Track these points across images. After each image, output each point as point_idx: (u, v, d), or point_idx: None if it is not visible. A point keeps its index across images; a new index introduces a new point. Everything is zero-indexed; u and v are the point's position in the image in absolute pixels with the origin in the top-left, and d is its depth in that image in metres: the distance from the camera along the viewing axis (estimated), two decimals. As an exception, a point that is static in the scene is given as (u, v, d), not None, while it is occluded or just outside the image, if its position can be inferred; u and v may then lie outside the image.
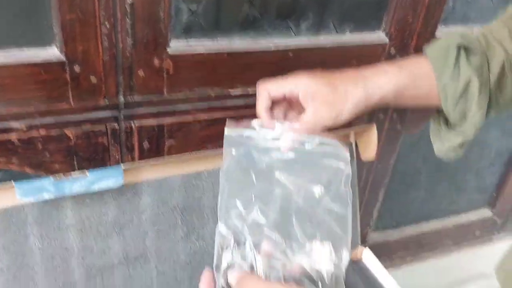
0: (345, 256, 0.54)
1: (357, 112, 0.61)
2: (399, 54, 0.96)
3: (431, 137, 0.68)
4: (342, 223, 0.56)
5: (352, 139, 0.98)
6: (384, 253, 1.42)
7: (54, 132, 0.75)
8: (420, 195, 1.37)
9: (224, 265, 0.54)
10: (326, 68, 0.90)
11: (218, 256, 0.55)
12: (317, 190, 0.58)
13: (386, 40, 0.92)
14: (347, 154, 0.60)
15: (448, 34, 0.63)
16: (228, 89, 0.85)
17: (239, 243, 0.55)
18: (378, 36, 0.92)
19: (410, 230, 1.43)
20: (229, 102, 0.87)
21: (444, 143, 0.65)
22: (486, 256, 1.57)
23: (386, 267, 1.40)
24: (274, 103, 0.64)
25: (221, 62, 0.81)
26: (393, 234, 1.40)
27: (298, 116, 0.63)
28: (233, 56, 0.82)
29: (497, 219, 1.56)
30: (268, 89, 0.63)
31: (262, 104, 0.63)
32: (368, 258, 1.09)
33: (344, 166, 0.58)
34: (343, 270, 0.54)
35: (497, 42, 0.61)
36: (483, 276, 1.56)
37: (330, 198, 0.57)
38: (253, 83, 0.86)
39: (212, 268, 0.55)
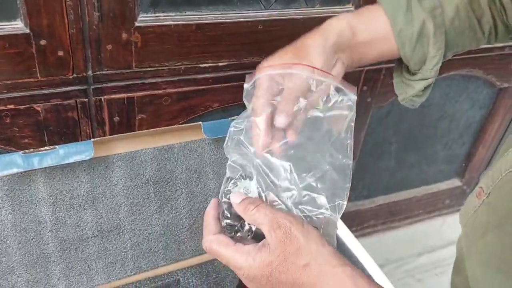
0: (342, 206, 0.54)
1: (326, 58, 0.59)
2: (368, 27, 0.97)
3: (395, 87, 0.69)
4: (342, 172, 0.56)
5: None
6: (356, 222, 1.46)
7: (22, 107, 0.75)
8: (391, 166, 1.40)
9: (228, 191, 0.54)
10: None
11: (224, 185, 0.55)
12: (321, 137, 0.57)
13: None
14: (354, 97, 0.58)
15: None
16: (198, 62, 0.85)
17: (245, 177, 0.54)
18: (348, 9, 0.93)
19: (381, 200, 1.47)
20: (200, 76, 0.87)
21: (408, 91, 0.66)
22: (455, 224, 1.63)
23: (358, 236, 1.44)
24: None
25: (190, 35, 0.81)
26: (365, 204, 1.44)
27: None
28: (202, 28, 0.82)
29: (466, 188, 1.61)
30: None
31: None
32: (339, 228, 1.12)
33: (347, 111, 0.57)
34: (338, 218, 0.54)
35: None
36: (453, 243, 1.62)
37: (333, 146, 0.56)
38: (223, 56, 0.87)
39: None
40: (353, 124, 0.56)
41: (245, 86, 0.58)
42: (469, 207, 0.58)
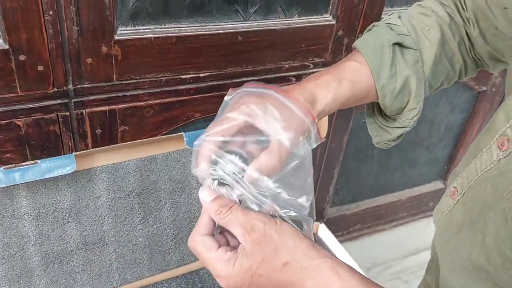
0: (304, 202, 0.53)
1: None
2: (347, 36, 0.99)
3: (368, 129, 0.69)
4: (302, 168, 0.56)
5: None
6: (342, 226, 1.48)
7: (3, 122, 0.75)
8: (374, 170, 1.42)
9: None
10: (276, 50, 0.93)
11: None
12: None
13: (333, 22, 0.95)
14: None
15: (378, 28, 0.63)
16: (179, 73, 0.86)
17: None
18: (326, 19, 0.94)
19: (366, 204, 1.49)
20: (181, 87, 0.88)
21: (384, 136, 0.66)
22: (439, 225, 1.65)
23: (344, 240, 1.46)
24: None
25: (170, 47, 0.82)
26: (350, 208, 1.46)
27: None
28: (182, 40, 0.83)
29: (449, 190, 1.64)
30: (218, 133, 0.52)
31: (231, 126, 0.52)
32: (324, 233, 1.14)
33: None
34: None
35: (425, 31, 0.62)
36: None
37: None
38: (204, 67, 0.88)
39: None
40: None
41: (226, 98, 0.59)
42: (443, 206, 0.60)
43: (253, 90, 0.56)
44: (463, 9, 0.63)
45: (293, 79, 0.99)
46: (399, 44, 0.61)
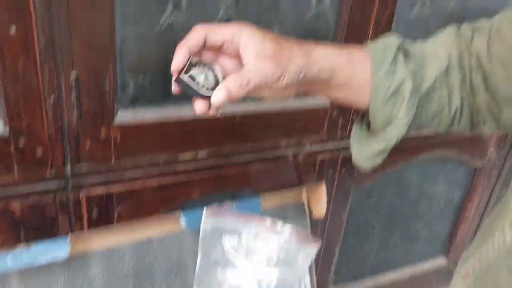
0: None
1: (295, 80, 0.56)
2: (342, 116, 1.01)
3: (351, 142, 0.66)
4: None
5: (304, 198, 1.01)
6: (345, 307, 1.42)
7: (-1, 206, 0.74)
8: (375, 247, 1.39)
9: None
10: (273, 129, 0.94)
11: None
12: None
13: (327, 104, 0.97)
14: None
15: (389, 35, 0.63)
16: (177, 153, 0.87)
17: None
18: (322, 101, 0.97)
19: (368, 282, 1.44)
20: (179, 167, 0.89)
21: (364, 149, 0.63)
22: (444, 304, 1.59)
23: (347, 321, 1.39)
24: (204, 49, 0.56)
25: (168, 129, 0.83)
26: (352, 287, 1.41)
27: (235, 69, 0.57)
28: (180, 123, 0.84)
29: (452, 266, 1.60)
30: (205, 30, 0.54)
31: (188, 42, 0.53)
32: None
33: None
34: None
35: (433, 53, 0.62)
36: (444, 325, 1.57)
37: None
38: (201, 147, 0.89)
39: None
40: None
41: None
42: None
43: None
44: (470, 55, 0.62)
45: (290, 157, 1.00)
46: (404, 51, 0.61)
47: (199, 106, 0.55)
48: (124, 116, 0.79)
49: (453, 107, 0.62)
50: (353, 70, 0.59)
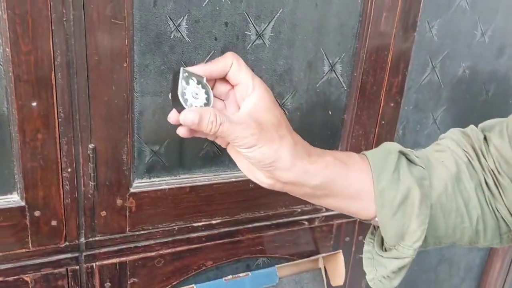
0: None
1: (267, 168, 0.51)
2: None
3: (363, 264, 0.60)
4: None
5: (321, 265, 0.98)
6: None
7: (11, 278, 0.73)
8: (395, 314, 1.34)
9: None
10: (287, 195, 0.93)
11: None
12: None
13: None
14: None
15: (388, 142, 0.60)
16: (192, 221, 0.86)
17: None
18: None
19: None
20: (193, 234, 0.87)
21: (378, 270, 0.57)
22: None
23: None
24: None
25: (183, 197, 0.83)
26: None
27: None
28: (195, 189, 0.84)
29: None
30: (234, 60, 0.51)
31: (215, 64, 0.51)
32: None
33: None
34: None
35: (438, 161, 0.58)
36: None
37: None
38: (216, 214, 0.88)
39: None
40: None
41: None
42: None
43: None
44: (484, 157, 0.58)
45: (306, 223, 0.98)
46: (406, 156, 0.56)
47: (173, 116, 0.50)
48: (140, 185, 0.79)
49: (474, 217, 0.57)
50: (347, 181, 0.54)
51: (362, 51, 0.88)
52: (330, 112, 0.92)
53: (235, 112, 0.52)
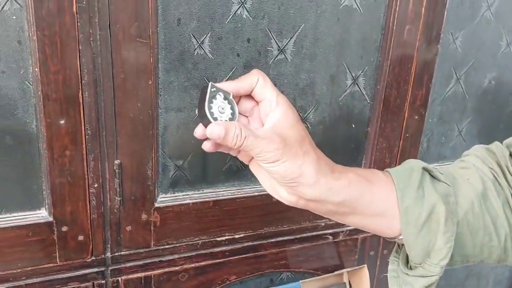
0: None
1: (292, 185, 0.51)
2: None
3: (388, 281, 0.59)
4: None
5: (345, 280, 0.97)
6: None
7: (38, 292, 0.74)
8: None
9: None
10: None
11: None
12: None
13: (367, 180, 0.96)
14: None
15: (411, 159, 0.59)
16: (215, 236, 0.86)
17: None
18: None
19: None
20: (217, 249, 0.87)
21: None
22: None
23: None
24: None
25: (207, 211, 0.83)
26: None
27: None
28: (218, 204, 0.84)
29: None
30: (260, 77, 0.52)
31: (241, 81, 0.52)
32: None
33: None
34: None
35: (463, 179, 0.57)
36: None
37: None
38: (240, 228, 0.88)
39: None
40: None
41: None
42: None
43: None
44: (510, 174, 0.57)
45: (330, 237, 0.98)
46: (430, 173, 0.56)
47: (199, 131, 0.51)
48: (164, 199, 0.79)
49: (502, 235, 0.56)
50: (371, 198, 0.54)
51: (385, 64, 0.88)
52: (353, 125, 0.92)
53: (259, 128, 0.53)
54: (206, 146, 0.52)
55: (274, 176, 0.51)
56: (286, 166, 0.49)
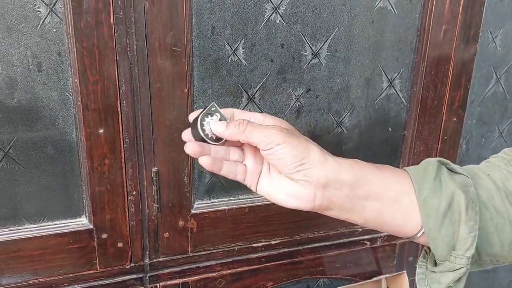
0: None
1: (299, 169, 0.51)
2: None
3: (416, 283, 0.57)
4: None
5: (384, 287, 0.95)
6: None
7: (80, 299, 0.76)
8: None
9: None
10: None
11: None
12: None
13: (404, 184, 0.94)
14: None
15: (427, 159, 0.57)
16: (251, 242, 0.86)
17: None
18: (396, 182, 0.94)
19: None
20: (253, 255, 0.87)
21: (432, 287, 0.54)
22: None
23: None
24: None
25: (243, 217, 0.83)
26: None
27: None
28: (254, 210, 0.84)
29: None
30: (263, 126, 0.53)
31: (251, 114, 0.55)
32: None
33: None
34: None
35: (484, 173, 0.55)
36: None
37: None
38: (275, 234, 0.88)
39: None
40: None
41: None
42: None
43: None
44: None
45: (368, 242, 0.96)
46: (447, 166, 0.54)
47: (193, 147, 0.53)
48: (200, 206, 0.80)
49: None
50: (383, 180, 0.53)
51: (421, 65, 0.86)
52: (389, 129, 0.90)
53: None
54: (189, 147, 0.53)
55: (284, 163, 0.51)
56: (293, 146, 0.51)
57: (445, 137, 0.93)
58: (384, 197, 0.53)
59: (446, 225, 0.51)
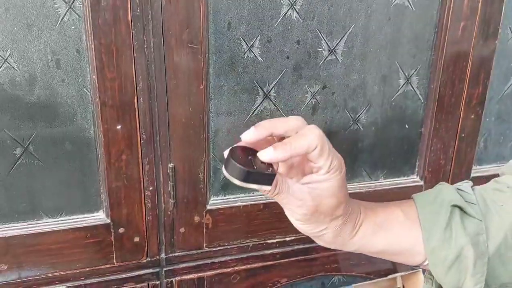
0: None
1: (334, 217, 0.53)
2: (436, 195, 0.96)
3: None
4: None
5: (399, 285, 0.95)
6: None
7: (97, 292, 0.77)
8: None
9: None
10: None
11: None
12: None
13: (421, 182, 0.93)
14: None
15: (443, 187, 0.58)
16: (266, 238, 0.86)
17: None
18: (413, 180, 0.93)
19: None
20: (267, 251, 0.88)
21: None
22: None
23: None
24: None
25: (257, 213, 0.84)
26: None
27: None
28: (268, 206, 0.84)
29: None
30: (301, 124, 0.51)
31: (280, 123, 0.51)
32: None
33: None
34: None
35: (497, 206, 0.55)
36: None
37: None
38: (290, 231, 0.88)
39: None
40: None
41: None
42: None
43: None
44: None
45: (382, 240, 0.96)
46: (461, 209, 0.54)
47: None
48: (216, 201, 0.80)
49: None
50: (391, 244, 0.57)
51: (439, 62, 0.85)
52: (406, 126, 0.89)
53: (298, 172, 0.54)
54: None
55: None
56: (307, 227, 0.53)
57: (463, 135, 0.92)
58: (390, 253, 0.58)
59: (453, 272, 0.53)
